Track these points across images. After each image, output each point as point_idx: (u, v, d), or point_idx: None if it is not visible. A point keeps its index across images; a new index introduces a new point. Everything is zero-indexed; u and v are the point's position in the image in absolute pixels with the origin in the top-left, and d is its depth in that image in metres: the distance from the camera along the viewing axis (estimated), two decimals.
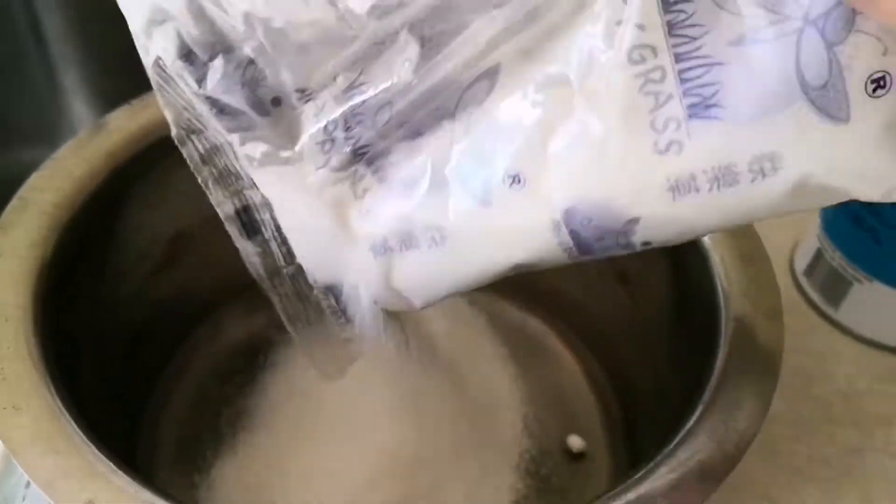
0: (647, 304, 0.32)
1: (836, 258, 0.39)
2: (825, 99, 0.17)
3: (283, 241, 0.23)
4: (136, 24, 0.21)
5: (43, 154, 0.55)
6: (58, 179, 0.27)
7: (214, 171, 0.23)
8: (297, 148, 0.21)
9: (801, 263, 0.42)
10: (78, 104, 0.52)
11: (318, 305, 0.24)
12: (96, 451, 0.20)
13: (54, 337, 0.24)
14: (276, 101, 0.21)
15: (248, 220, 0.23)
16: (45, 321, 0.24)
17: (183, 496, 0.30)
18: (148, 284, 0.32)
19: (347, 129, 0.21)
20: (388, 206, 0.22)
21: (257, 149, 0.21)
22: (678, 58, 0.17)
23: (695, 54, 0.17)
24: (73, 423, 0.21)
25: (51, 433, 0.20)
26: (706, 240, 0.28)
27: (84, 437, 0.20)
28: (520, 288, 0.38)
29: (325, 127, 0.21)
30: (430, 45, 0.20)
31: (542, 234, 0.20)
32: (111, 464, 0.20)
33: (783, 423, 0.36)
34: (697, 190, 0.18)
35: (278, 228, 0.23)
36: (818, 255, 0.40)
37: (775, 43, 0.17)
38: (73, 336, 0.26)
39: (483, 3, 0.19)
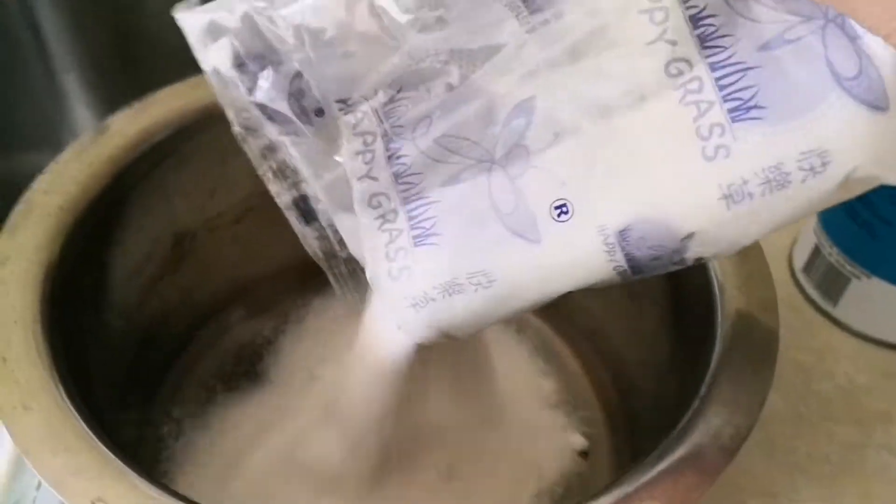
0: (645, 300, 0.32)
1: (833, 254, 0.39)
2: (860, 88, 0.17)
3: (337, 230, 0.24)
4: (193, 37, 0.22)
5: (45, 157, 0.55)
6: (62, 183, 0.28)
7: (273, 165, 0.24)
8: (337, 157, 0.22)
9: (799, 260, 0.42)
10: (79, 107, 0.52)
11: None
12: (105, 449, 0.20)
13: (62, 338, 0.24)
14: (320, 112, 0.21)
15: (306, 208, 0.24)
16: (52, 323, 0.24)
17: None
18: (153, 286, 0.33)
19: (386, 141, 0.21)
20: (427, 262, 0.22)
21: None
22: (713, 67, 0.18)
23: (728, 62, 0.18)
24: (81, 421, 0.21)
25: (60, 432, 0.21)
26: None
27: (93, 436, 0.21)
28: None
29: (364, 140, 0.21)
30: (466, 66, 0.20)
31: (595, 261, 0.20)
32: (120, 462, 0.20)
33: (783, 421, 0.36)
34: (751, 196, 0.18)
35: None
36: (816, 252, 0.40)
37: (802, 42, 0.18)
38: (80, 337, 0.26)
39: (515, 30, 0.20)
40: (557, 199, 0.20)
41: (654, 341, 0.31)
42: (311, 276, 0.37)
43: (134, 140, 0.30)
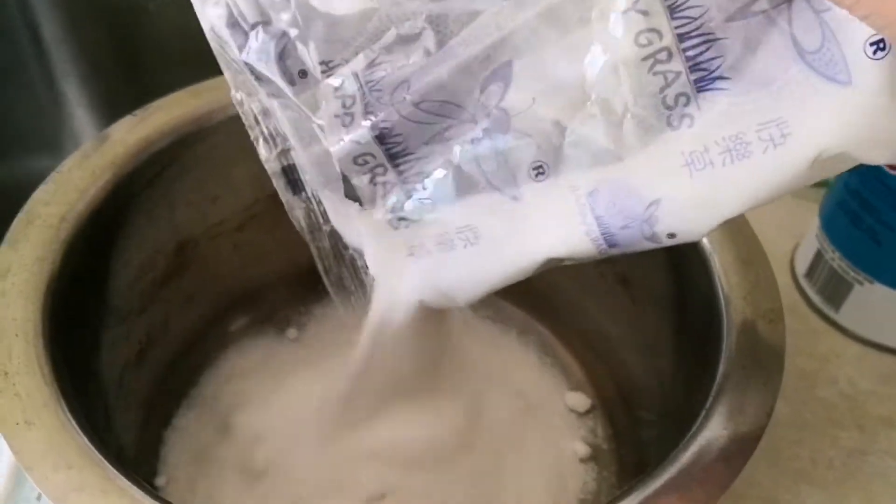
0: (649, 307, 0.32)
1: (835, 259, 0.39)
2: (822, 62, 0.18)
3: (321, 202, 0.25)
4: None
5: (45, 162, 0.55)
6: (63, 193, 0.27)
7: (265, 130, 0.24)
8: (316, 120, 0.22)
9: (802, 265, 0.42)
10: (79, 112, 0.52)
11: (353, 264, 0.26)
12: (108, 464, 0.20)
13: (63, 350, 0.24)
14: (303, 73, 0.22)
15: (293, 178, 0.25)
16: (54, 335, 0.24)
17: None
18: (154, 293, 0.32)
19: (366, 104, 0.22)
20: (420, 213, 0.23)
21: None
22: (681, 38, 0.18)
23: (696, 33, 0.18)
24: (83, 436, 0.21)
25: (62, 448, 0.20)
26: (706, 243, 0.28)
27: (95, 451, 0.20)
28: (522, 295, 0.38)
29: (344, 102, 0.22)
30: (444, 31, 0.21)
31: (570, 223, 0.21)
32: (123, 477, 0.20)
33: (786, 426, 0.36)
34: (712, 164, 0.19)
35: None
36: (818, 256, 0.40)
37: (768, 14, 0.18)
38: (81, 348, 0.26)
39: None
40: (535, 161, 0.21)
41: (659, 350, 0.31)
42: (313, 284, 0.38)
43: (135, 148, 0.29)
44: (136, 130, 0.30)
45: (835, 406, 0.37)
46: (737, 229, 0.28)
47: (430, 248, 0.23)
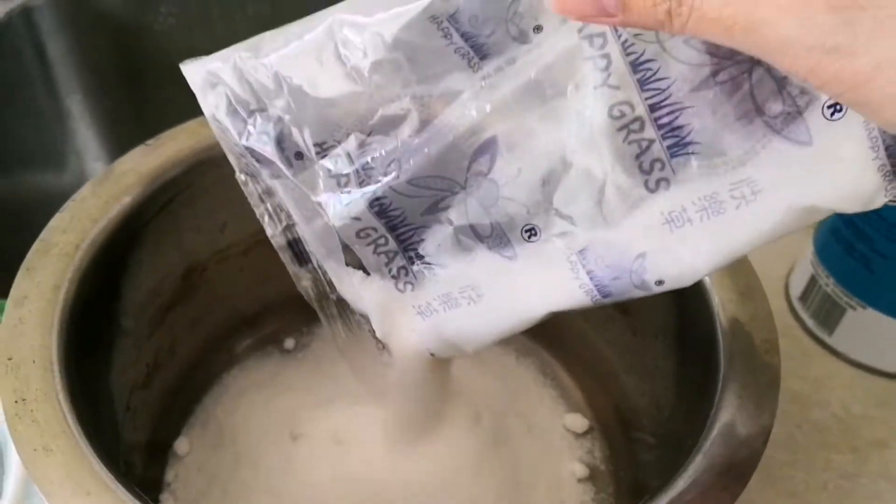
0: (649, 336, 0.32)
1: (829, 284, 0.40)
2: (784, 125, 0.19)
3: (326, 272, 0.26)
4: (195, 86, 0.23)
5: (49, 178, 0.55)
6: (78, 220, 0.28)
7: (270, 207, 0.25)
8: (315, 198, 0.23)
9: (796, 289, 0.43)
10: (83, 129, 0.53)
11: (361, 327, 0.28)
12: (124, 490, 0.21)
13: (78, 375, 0.24)
14: (299, 155, 0.23)
15: (299, 250, 0.26)
16: (69, 361, 0.24)
17: None
18: (162, 317, 0.33)
19: (360, 182, 0.23)
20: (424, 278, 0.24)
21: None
22: (652, 108, 0.20)
23: (665, 103, 0.20)
24: (99, 462, 0.21)
25: (80, 474, 0.21)
26: (706, 277, 0.29)
27: (111, 477, 0.21)
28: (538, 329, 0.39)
29: (339, 181, 0.23)
30: (428, 111, 0.22)
31: (565, 278, 0.22)
32: (137, 502, 0.21)
33: (780, 449, 0.37)
34: (690, 221, 0.21)
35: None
36: (812, 282, 0.41)
37: (731, 83, 0.19)
38: (94, 372, 0.27)
39: (471, 76, 0.21)
40: (526, 224, 0.22)
41: (658, 376, 0.31)
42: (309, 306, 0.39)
43: (147, 178, 0.30)
44: (147, 160, 0.31)
45: (828, 428, 0.38)
46: (736, 263, 0.29)
47: (436, 307, 0.25)
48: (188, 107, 0.33)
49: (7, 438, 0.32)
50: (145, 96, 0.53)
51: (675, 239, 0.21)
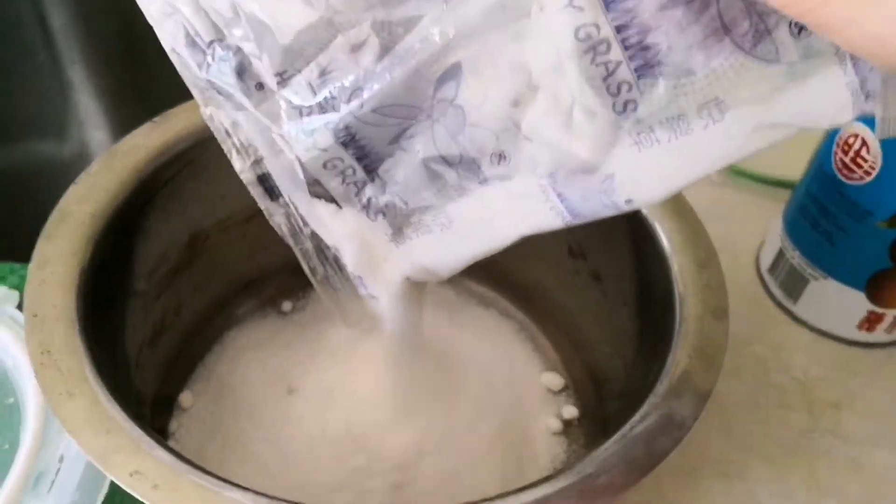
0: (618, 301, 0.35)
1: (795, 257, 0.42)
2: (751, 44, 0.19)
3: (297, 206, 0.25)
4: (151, 16, 0.23)
5: (51, 147, 0.56)
6: (92, 192, 0.31)
7: (236, 142, 0.25)
8: (277, 131, 0.23)
9: (766, 261, 0.45)
10: (85, 99, 0.54)
11: (337, 262, 0.27)
12: (139, 430, 0.24)
13: (95, 331, 0.27)
14: (260, 86, 0.23)
15: (269, 186, 0.25)
16: (87, 318, 0.27)
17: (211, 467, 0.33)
18: (169, 281, 0.36)
19: (323, 111, 0.22)
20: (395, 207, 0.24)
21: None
22: (619, 29, 0.20)
23: (632, 23, 0.19)
24: (116, 406, 0.24)
25: (100, 416, 0.24)
26: (667, 246, 0.31)
27: (127, 419, 0.24)
28: (504, 285, 0.41)
29: (301, 111, 0.22)
30: (389, 37, 0.21)
31: (535, 202, 0.23)
32: (152, 441, 0.23)
33: (741, 407, 0.40)
34: (658, 142, 0.21)
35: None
36: (780, 255, 0.44)
37: (698, 2, 0.19)
38: (109, 330, 0.30)
39: (431, 0, 0.21)
40: (495, 149, 0.22)
41: (624, 338, 0.34)
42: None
43: (155, 152, 0.32)
44: (154, 136, 0.33)
45: (788, 390, 0.40)
46: (695, 235, 0.31)
47: (409, 234, 0.25)
48: None
49: (24, 393, 0.35)
50: (147, 66, 0.53)
51: (644, 159, 0.21)
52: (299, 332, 0.40)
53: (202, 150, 0.33)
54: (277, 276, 0.41)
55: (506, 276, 0.41)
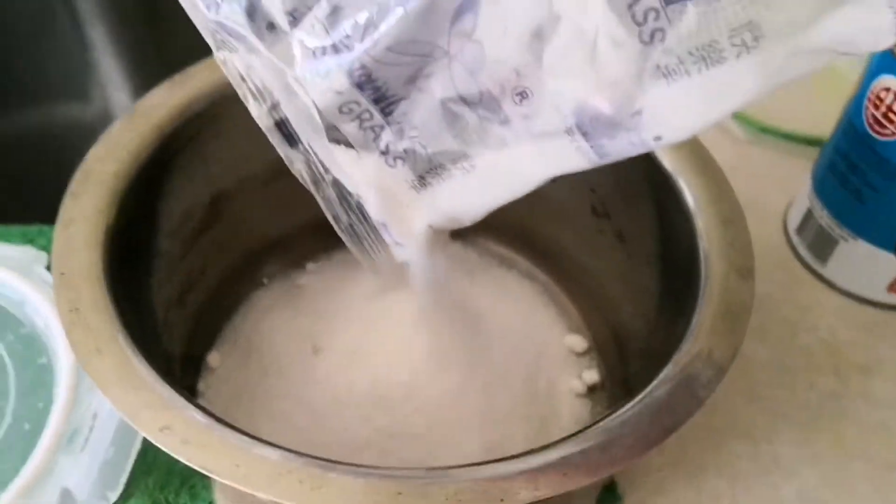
0: (641, 260, 0.35)
1: (824, 217, 0.42)
2: None
3: (317, 153, 0.24)
4: None
5: (72, 108, 0.57)
6: (114, 151, 0.31)
7: (251, 86, 0.24)
8: (292, 73, 0.22)
9: (793, 222, 0.45)
10: (105, 58, 0.55)
11: (361, 210, 0.26)
12: (167, 386, 0.24)
13: (122, 290, 0.27)
14: (271, 27, 0.22)
15: (288, 132, 0.25)
16: (113, 276, 0.27)
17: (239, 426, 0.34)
18: (193, 241, 0.36)
19: (337, 52, 0.21)
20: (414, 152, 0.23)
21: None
22: None
23: None
24: (145, 363, 0.24)
25: (129, 373, 0.24)
26: (692, 204, 0.31)
27: (156, 376, 0.24)
28: (527, 246, 0.41)
29: (314, 52, 0.22)
30: None
31: (560, 143, 0.22)
32: (180, 397, 0.24)
33: (767, 369, 0.39)
34: (688, 73, 0.19)
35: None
36: (808, 215, 0.43)
37: None
38: (135, 288, 0.30)
39: None
40: (516, 87, 0.21)
41: (648, 299, 0.34)
42: (331, 232, 0.41)
43: (176, 111, 0.32)
44: (174, 94, 0.33)
45: (814, 352, 0.40)
46: (721, 193, 0.31)
47: (430, 180, 0.24)
48: None
49: (56, 353, 0.35)
50: (168, 27, 0.53)
51: (673, 93, 0.20)
52: (324, 293, 0.40)
53: (223, 109, 0.33)
54: (301, 237, 0.41)
55: (528, 236, 0.41)
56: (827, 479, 0.36)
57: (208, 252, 0.37)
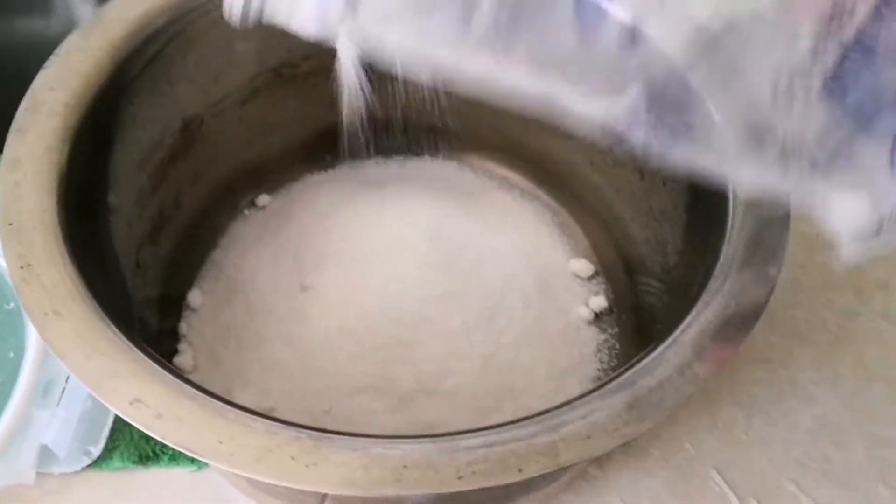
0: (657, 182, 0.32)
1: None
2: None
3: None
4: None
5: (36, 23, 0.53)
6: (65, 77, 0.27)
7: None
8: None
9: None
10: None
11: None
12: (138, 351, 0.21)
13: (82, 237, 0.24)
14: None
15: None
16: (70, 223, 0.24)
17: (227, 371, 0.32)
18: (164, 172, 0.33)
19: None
20: None
21: None
22: None
23: None
24: (111, 324, 0.22)
25: (92, 337, 0.21)
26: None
27: (123, 338, 0.21)
28: (528, 166, 0.38)
29: None
30: None
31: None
32: (153, 363, 0.21)
33: (784, 290, 0.37)
34: None
35: None
36: None
37: None
38: (98, 233, 0.27)
39: None
40: None
41: (664, 223, 0.31)
42: (311, 154, 0.38)
43: (134, 26, 0.29)
44: (133, 7, 0.29)
45: (832, 270, 0.38)
46: None
47: None
48: None
49: None
50: None
51: None
52: (307, 225, 0.37)
53: (188, 24, 0.30)
54: (279, 163, 0.38)
55: (529, 155, 0.38)
56: (846, 403, 0.34)
57: (181, 183, 0.34)
